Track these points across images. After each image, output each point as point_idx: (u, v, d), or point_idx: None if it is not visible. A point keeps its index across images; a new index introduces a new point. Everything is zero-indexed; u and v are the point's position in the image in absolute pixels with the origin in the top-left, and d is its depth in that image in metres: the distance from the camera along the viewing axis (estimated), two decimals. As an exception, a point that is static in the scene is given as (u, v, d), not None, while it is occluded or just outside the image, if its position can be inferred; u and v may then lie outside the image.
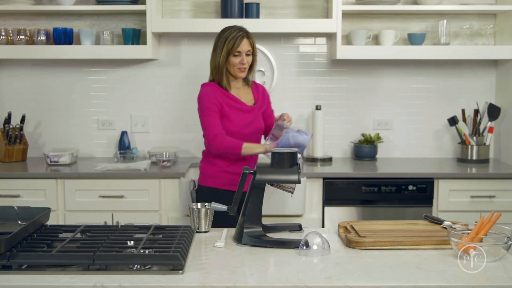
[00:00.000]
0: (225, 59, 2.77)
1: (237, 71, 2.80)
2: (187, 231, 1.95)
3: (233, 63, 2.78)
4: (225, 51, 2.76)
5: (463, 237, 1.77)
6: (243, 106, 2.84)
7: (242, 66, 2.78)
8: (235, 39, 2.75)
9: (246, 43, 2.78)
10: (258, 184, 1.96)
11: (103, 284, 1.57)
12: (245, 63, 2.79)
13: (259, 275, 1.67)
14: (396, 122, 3.87)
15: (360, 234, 1.95)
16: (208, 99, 2.78)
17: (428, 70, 3.84)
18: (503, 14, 3.66)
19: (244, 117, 2.83)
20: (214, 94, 2.78)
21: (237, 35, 2.75)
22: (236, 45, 2.75)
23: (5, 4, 3.52)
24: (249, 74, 2.89)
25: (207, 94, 2.79)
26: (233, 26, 2.82)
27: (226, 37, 2.77)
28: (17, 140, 3.66)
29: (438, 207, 3.30)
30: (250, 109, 2.86)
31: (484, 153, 3.66)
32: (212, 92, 2.79)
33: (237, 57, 2.77)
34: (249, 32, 2.83)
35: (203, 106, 2.78)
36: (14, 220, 1.97)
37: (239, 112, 2.82)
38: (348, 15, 3.65)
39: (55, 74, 3.83)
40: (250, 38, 2.80)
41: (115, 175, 3.29)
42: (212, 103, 2.76)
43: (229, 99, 2.82)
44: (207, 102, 2.77)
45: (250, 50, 2.80)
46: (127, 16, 3.74)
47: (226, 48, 2.75)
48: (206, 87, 2.83)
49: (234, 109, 2.81)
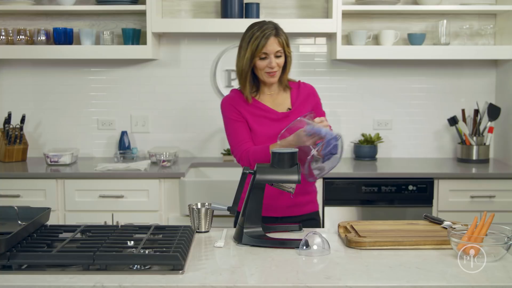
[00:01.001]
0: (250, 62, 2.32)
1: (266, 76, 2.35)
2: (187, 231, 1.95)
3: (259, 67, 2.33)
4: (249, 53, 2.31)
5: (463, 237, 1.77)
6: (272, 114, 2.39)
7: (271, 70, 2.33)
8: (259, 38, 2.29)
9: (274, 42, 2.31)
10: (258, 184, 1.96)
11: (103, 284, 1.56)
12: (274, 66, 2.32)
13: (259, 275, 1.66)
14: (396, 122, 3.87)
15: (360, 234, 1.95)
16: (225, 109, 2.42)
17: (428, 70, 3.84)
18: (503, 14, 3.66)
19: (273, 127, 2.36)
20: (232, 103, 2.41)
21: (263, 33, 2.30)
22: (261, 45, 2.29)
23: (5, 4, 3.52)
24: (283, 76, 2.42)
25: (223, 105, 2.44)
26: (260, 22, 2.37)
27: (250, 36, 2.33)
28: (17, 140, 3.66)
29: (438, 207, 3.30)
30: (282, 117, 2.39)
31: (484, 153, 3.66)
32: (230, 101, 2.42)
33: (263, 60, 2.32)
34: (280, 28, 2.36)
35: (223, 118, 2.45)
36: (14, 220, 1.97)
37: (266, 121, 2.38)
38: (348, 15, 3.65)
39: (55, 74, 3.83)
40: (280, 36, 2.33)
41: (115, 175, 3.29)
42: (230, 110, 2.40)
43: (253, 108, 2.39)
44: (225, 111, 2.42)
45: (281, 50, 2.33)
46: (127, 16, 3.74)
47: (250, 50, 2.31)
48: (224, 97, 2.47)
49: (259, 119, 2.39)
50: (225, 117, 2.42)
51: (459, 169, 3.49)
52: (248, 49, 2.31)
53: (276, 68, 2.33)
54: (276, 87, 2.44)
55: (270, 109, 2.40)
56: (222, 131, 3.81)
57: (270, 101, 2.43)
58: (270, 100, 2.43)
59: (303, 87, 2.49)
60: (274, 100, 2.43)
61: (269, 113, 2.39)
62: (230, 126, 2.41)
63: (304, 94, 2.45)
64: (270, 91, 2.43)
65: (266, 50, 2.29)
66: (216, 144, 3.86)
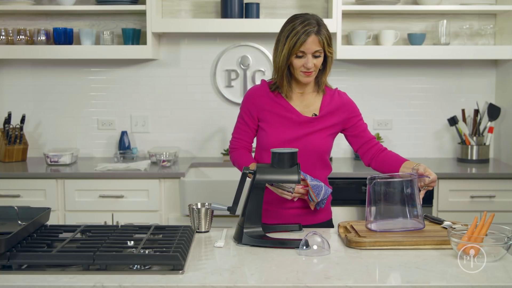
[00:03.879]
0: (286, 60, 2.15)
1: (301, 75, 2.17)
2: (187, 231, 1.95)
3: (295, 66, 2.16)
4: (286, 50, 2.13)
5: (463, 237, 1.77)
6: (294, 115, 2.21)
7: (307, 70, 2.16)
8: (299, 34, 2.10)
9: (313, 41, 2.12)
10: (258, 184, 1.96)
11: (103, 284, 1.56)
12: (311, 67, 2.14)
13: (259, 275, 1.66)
14: (396, 122, 3.87)
15: (360, 234, 1.95)
16: (243, 101, 2.31)
17: (428, 70, 3.84)
18: (503, 14, 3.66)
19: (291, 131, 2.21)
20: (253, 97, 2.27)
21: (303, 29, 2.11)
22: (299, 43, 2.11)
23: (5, 4, 3.52)
24: (321, 77, 2.25)
25: (245, 96, 2.32)
26: (303, 15, 2.17)
27: (290, 30, 2.13)
28: (17, 140, 3.66)
29: (438, 207, 3.30)
30: (305, 121, 2.22)
31: (484, 153, 3.66)
32: (252, 95, 2.28)
33: (300, 58, 2.14)
34: (323, 25, 2.16)
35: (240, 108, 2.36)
36: (14, 220, 1.97)
37: (286, 122, 2.22)
38: (348, 15, 3.65)
39: (55, 74, 3.83)
40: (321, 35, 2.13)
41: (115, 175, 3.29)
42: (245, 107, 2.28)
43: (276, 104, 2.24)
44: (242, 104, 2.32)
45: (320, 50, 2.14)
46: (127, 16, 3.74)
47: (287, 46, 2.13)
48: (251, 88, 2.34)
49: (278, 118, 2.23)
50: (240, 107, 2.33)
51: (459, 169, 3.49)
52: (286, 44, 2.13)
53: (313, 69, 2.16)
54: (310, 87, 2.27)
55: (293, 109, 2.23)
56: (222, 131, 3.86)
57: (298, 101, 2.26)
58: (298, 100, 2.26)
59: (338, 96, 2.30)
60: (302, 100, 2.26)
61: (291, 114, 2.22)
62: (237, 118, 2.35)
63: (336, 103, 2.27)
64: (302, 89, 2.26)
65: (304, 48, 2.12)
66: (216, 144, 3.86)
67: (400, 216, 2.00)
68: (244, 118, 2.30)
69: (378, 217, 2.00)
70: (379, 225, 1.99)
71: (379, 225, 1.99)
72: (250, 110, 2.27)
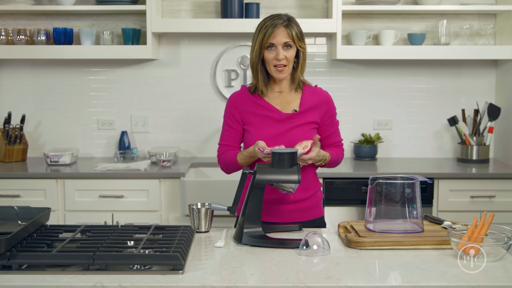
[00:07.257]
0: (258, 53, 2.22)
1: (274, 71, 2.23)
2: (187, 231, 1.95)
3: (267, 59, 2.22)
4: (257, 44, 2.22)
5: (463, 237, 1.77)
6: (275, 114, 2.27)
7: (278, 62, 2.21)
8: (267, 27, 2.20)
9: (282, 32, 2.20)
10: (258, 184, 1.96)
11: (103, 284, 1.57)
12: (282, 59, 2.20)
13: (259, 275, 1.66)
14: (396, 122, 3.87)
15: (360, 234, 1.95)
16: (226, 107, 2.37)
17: (428, 70, 3.84)
18: (503, 14, 3.66)
19: (275, 128, 2.27)
20: (235, 101, 2.33)
21: (271, 22, 2.21)
22: (267, 35, 2.19)
23: (5, 4, 3.52)
24: (294, 74, 2.30)
25: (227, 102, 2.38)
26: (275, 14, 2.29)
27: (260, 26, 2.24)
28: (17, 140, 3.66)
29: (438, 207, 3.30)
30: (286, 118, 2.27)
31: (484, 153, 3.66)
32: (233, 100, 2.34)
33: (271, 50, 2.21)
34: (294, 21, 2.27)
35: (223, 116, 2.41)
36: (14, 220, 1.97)
37: (267, 121, 2.28)
38: (348, 15, 3.65)
39: (55, 74, 3.83)
40: (290, 28, 2.22)
41: (115, 175, 3.29)
42: (229, 112, 2.34)
43: (257, 105, 2.30)
44: (225, 110, 2.37)
45: (289, 41, 2.21)
46: (127, 16, 3.74)
47: (258, 40, 2.22)
48: (232, 94, 2.40)
49: (260, 118, 2.29)
50: (224, 115, 2.38)
51: (459, 169, 3.49)
52: (257, 39, 2.22)
53: (284, 61, 2.21)
54: (287, 85, 2.31)
55: (274, 108, 2.28)
56: (222, 131, 3.85)
57: (278, 100, 2.31)
58: (278, 99, 2.31)
59: (318, 92, 2.35)
60: (282, 99, 2.31)
61: (272, 113, 2.27)
62: (223, 125, 2.39)
63: (316, 99, 2.31)
64: (280, 88, 2.31)
65: (273, 40, 2.19)
66: (216, 144, 3.76)
67: (400, 217, 2.00)
68: (229, 124, 2.35)
69: (378, 218, 2.01)
70: (378, 226, 1.99)
71: (378, 226, 1.99)
72: (233, 114, 2.33)
